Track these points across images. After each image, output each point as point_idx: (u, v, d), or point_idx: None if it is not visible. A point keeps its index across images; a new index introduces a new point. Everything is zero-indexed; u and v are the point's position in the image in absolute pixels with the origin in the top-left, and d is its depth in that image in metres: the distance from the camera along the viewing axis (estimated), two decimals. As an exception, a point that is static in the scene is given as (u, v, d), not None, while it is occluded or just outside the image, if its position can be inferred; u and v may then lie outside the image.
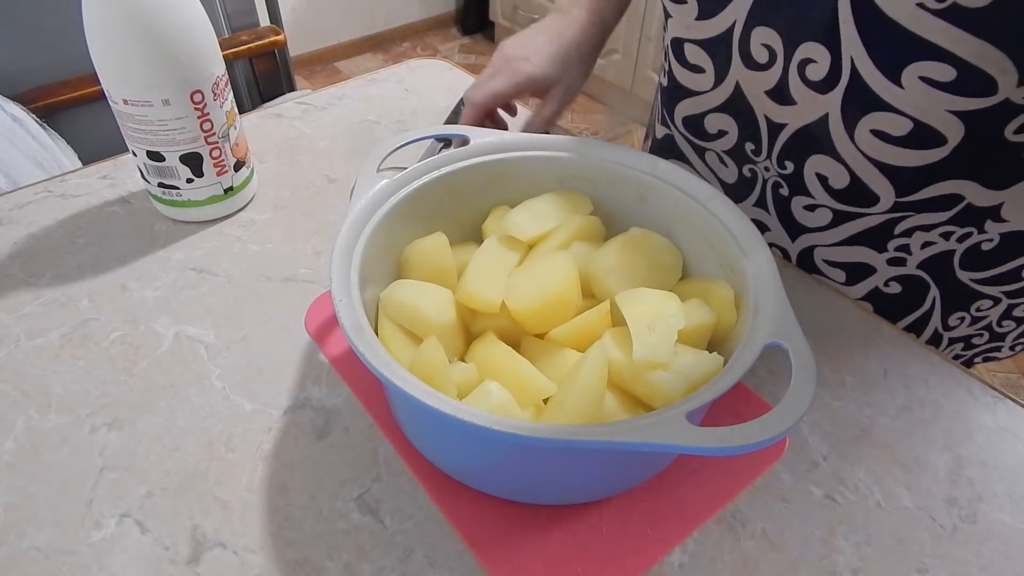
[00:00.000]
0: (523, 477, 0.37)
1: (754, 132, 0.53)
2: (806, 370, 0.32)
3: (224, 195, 0.58)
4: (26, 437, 0.42)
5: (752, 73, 0.49)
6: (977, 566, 0.38)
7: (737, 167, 0.57)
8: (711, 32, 0.50)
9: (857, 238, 0.52)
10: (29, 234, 0.57)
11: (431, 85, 0.79)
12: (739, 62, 0.49)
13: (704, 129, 0.57)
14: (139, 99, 0.50)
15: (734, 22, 0.48)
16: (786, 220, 0.56)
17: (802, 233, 0.55)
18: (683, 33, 0.53)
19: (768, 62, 0.47)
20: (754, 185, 0.56)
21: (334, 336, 0.47)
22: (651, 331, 0.36)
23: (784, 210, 0.55)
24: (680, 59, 0.55)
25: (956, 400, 0.46)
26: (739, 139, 0.54)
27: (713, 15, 0.49)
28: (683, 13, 0.51)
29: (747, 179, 0.56)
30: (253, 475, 0.41)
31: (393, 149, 0.46)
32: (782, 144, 0.51)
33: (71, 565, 0.37)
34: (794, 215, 0.55)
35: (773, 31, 0.46)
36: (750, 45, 0.48)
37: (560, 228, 0.44)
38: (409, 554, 0.37)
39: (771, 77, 0.48)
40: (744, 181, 0.57)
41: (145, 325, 0.50)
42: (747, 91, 0.50)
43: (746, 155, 0.55)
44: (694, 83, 0.55)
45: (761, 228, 0.56)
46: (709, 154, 0.58)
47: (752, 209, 0.58)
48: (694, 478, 0.40)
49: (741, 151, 0.55)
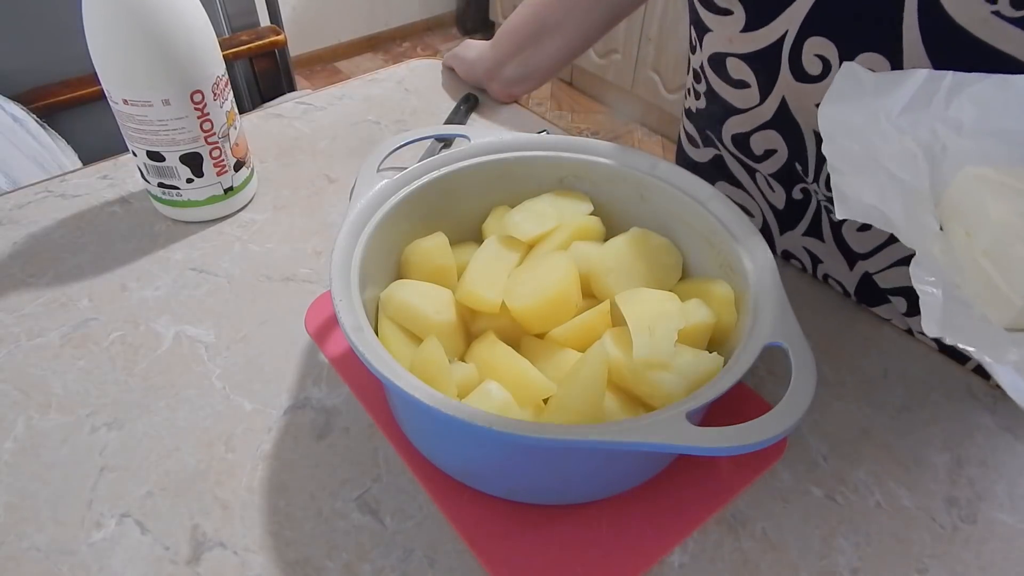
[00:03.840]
0: (523, 477, 0.37)
1: (802, 150, 0.50)
2: (806, 370, 0.32)
3: (224, 195, 0.58)
4: (26, 437, 0.42)
5: (802, 86, 0.46)
6: (977, 566, 0.38)
7: (786, 191, 0.54)
8: (759, 44, 0.47)
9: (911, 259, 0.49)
10: (29, 234, 0.57)
11: (431, 85, 0.79)
12: (788, 75, 0.47)
13: (751, 148, 0.54)
14: (139, 99, 0.50)
15: (786, 32, 0.45)
16: (842, 246, 0.52)
17: (857, 260, 0.52)
18: (724, 47, 0.50)
19: (821, 73, 0.45)
20: (806, 208, 0.53)
21: (334, 336, 0.47)
22: (651, 331, 0.36)
23: (839, 235, 0.52)
24: (722, 75, 0.52)
25: (956, 400, 0.46)
26: (789, 158, 0.52)
27: (763, 25, 0.46)
28: (727, 25, 0.49)
29: (798, 201, 0.53)
30: (253, 475, 0.41)
31: (393, 149, 0.46)
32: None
33: (71, 565, 0.37)
34: (847, 240, 0.52)
35: (828, 40, 0.44)
36: (802, 56, 0.45)
37: (560, 228, 0.44)
38: (409, 554, 0.37)
39: (823, 89, 0.45)
40: (794, 204, 0.54)
41: (145, 325, 0.50)
42: (794, 105, 0.48)
43: (797, 175, 0.52)
44: (739, 100, 0.52)
45: (815, 260, 0.53)
46: (758, 175, 0.55)
47: (804, 238, 0.54)
48: (694, 478, 0.40)
49: (791, 171, 0.52)
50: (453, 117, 0.72)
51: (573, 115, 2.50)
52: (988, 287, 0.33)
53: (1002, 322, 0.32)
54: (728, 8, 0.48)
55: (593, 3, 0.66)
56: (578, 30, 0.68)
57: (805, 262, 0.55)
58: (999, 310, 0.32)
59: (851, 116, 0.37)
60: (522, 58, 0.71)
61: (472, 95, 0.75)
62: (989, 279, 0.33)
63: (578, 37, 0.68)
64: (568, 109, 2.53)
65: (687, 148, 0.63)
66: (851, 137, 0.36)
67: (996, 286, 0.33)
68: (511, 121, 0.73)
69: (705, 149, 0.59)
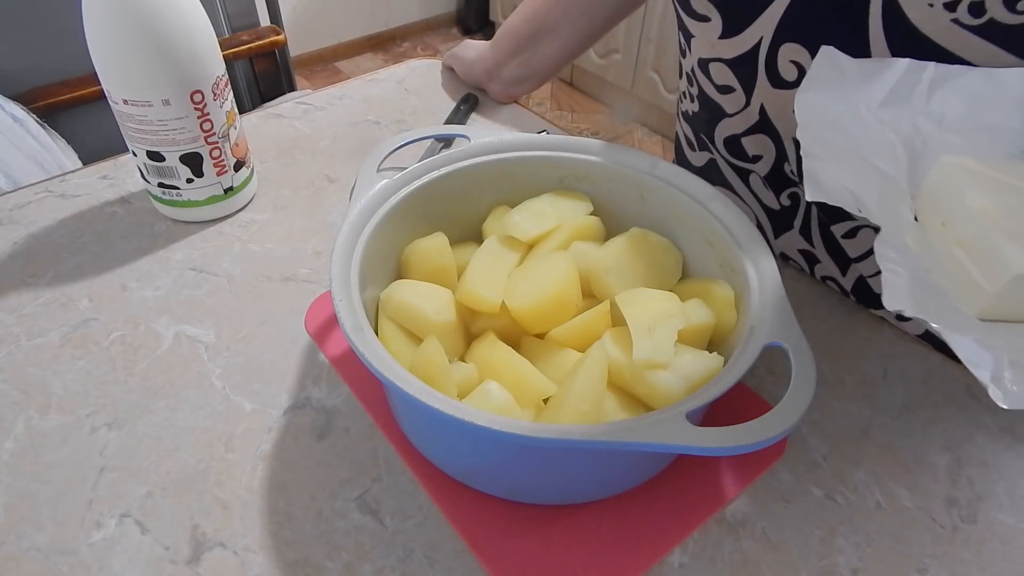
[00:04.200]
0: (523, 477, 0.37)
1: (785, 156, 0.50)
2: (806, 370, 0.32)
3: (224, 195, 0.58)
4: (26, 437, 0.42)
5: (778, 92, 0.47)
6: (977, 566, 0.38)
7: (776, 194, 0.54)
8: (737, 50, 0.48)
9: None
10: (29, 234, 0.57)
11: (431, 85, 0.79)
12: (765, 81, 0.47)
13: (744, 150, 0.54)
14: (139, 99, 0.50)
15: (760, 39, 0.46)
16: (833, 250, 0.52)
17: (850, 263, 0.52)
18: (707, 52, 0.51)
19: (797, 79, 0.45)
20: (796, 211, 0.53)
21: (334, 336, 0.47)
22: (651, 331, 0.36)
23: (829, 239, 0.52)
24: (710, 79, 0.52)
25: (956, 400, 0.46)
26: (776, 161, 0.52)
27: (738, 32, 0.47)
28: (706, 31, 0.49)
29: (787, 206, 0.53)
30: (253, 475, 0.41)
31: (393, 149, 0.46)
32: None
33: (71, 565, 0.37)
34: (838, 242, 0.52)
35: (801, 47, 0.44)
36: (778, 62, 0.46)
37: (560, 228, 0.44)
38: (409, 554, 0.37)
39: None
40: (785, 208, 0.54)
41: (145, 325, 0.50)
42: (773, 113, 0.48)
43: (785, 178, 0.52)
44: (727, 104, 0.52)
45: (811, 260, 0.53)
46: (752, 177, 0.55)
47: (799, 239, 0.54)
48: (694, 478, 0.40)
49: (779, 174, 0.52)
50: (453, 117, 0.72)
51: (573, 115, 2.50)
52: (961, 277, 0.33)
53: (974, 312, 0.32)
54: (706, 15, 0.48)
55: (592, 4, 0.66)
56: (577, 31, 0.68)
57: (802, 264, 0.55)
58: (972, 300, 0.32)
59: (829, 104, 0.37)
60: (521, 59, 0.71)
61: (472, 95, 0.75)
62: (963, 269, 0.33)
63: (577, 38, 0.68)
64: (568, 109, 2.53)
65: (686, 151, 0.63)
66: (829, 126, 0.36)
67: (969, 276, 0.32)
68: (511, 121, 0.73)
69: (700, 153, 0.59)
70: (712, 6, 0.47)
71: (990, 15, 0.36)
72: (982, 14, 0.36)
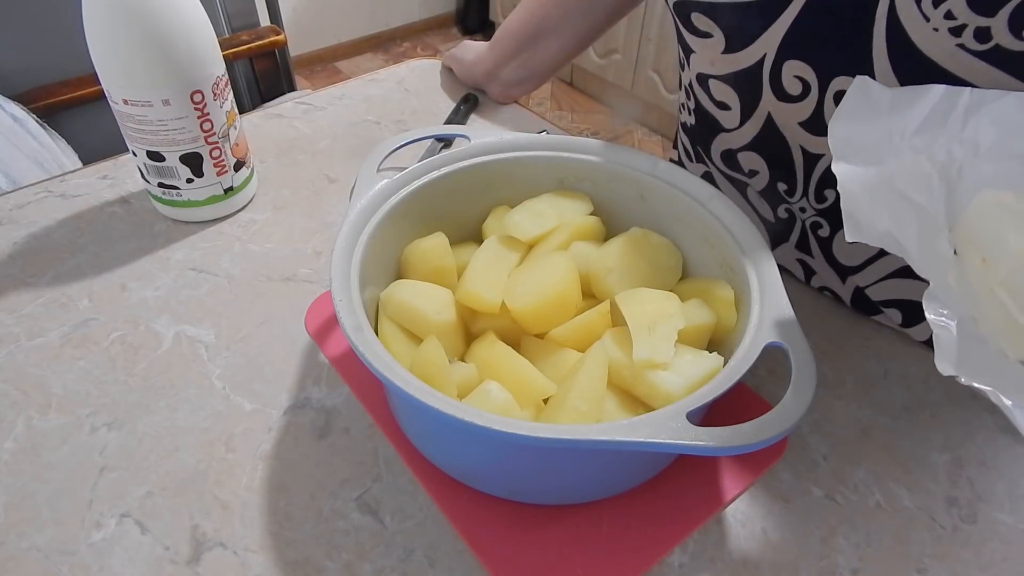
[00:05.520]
0: (523, 477, 0.37)
1: (788, 168, 0.50)
2: (806, 370, 0.32)
3: (224, 195, 0.58)
4: (26, 437, 0.42)
5: (785, 105, 0.47)
6: (977, 566, 0.38)
7: (772, 208, 0.54)
8: (739, 65, 0.48)
9: (903, 271, 0.49)
10: (29, 234, 0.57)
11: (431, 85, 0.79)
12: (770, 94, 0.47)
13: (739, 165, 0.54)
14: (139, 99, 0.50)
15: (764, 55, 0.46)
16: (832, 261, 0.52)
17: (848, 274, 0.52)
18: (707, 69, 0.50)
19: (801, 94, 0.45)
20: (792, 226, 0.53)
21: (334, 336, 0.47)
22: (651, 331, 0.36)
23: (828, 251, 0.52)
24: (708, 94, 0.52)
25: (956, 400, 0.46)
26: (770, 179, 0.52)
27: (742, 48, 0.47)
28: (708, 47, 0.49)
29: (784, 220, 0.54)
30: (253, 475, 0.41)
31: (393, 149, 0.46)
32: (819, 175, 0.48)
33: (71, 565, 0.37)
34: (836, 255, 0.52)
35: (806, 64, 0.44)
36: (782, 78, 0.46)
37: (560, 228, 0.44)
38: (409, 554, 0.37)
39: (805, 108, 0.46)
40: (782, 222, 0.54)
41: (145, 325, 0.50)
42: (780, 122, 0.48)
43: (780, 195, 0.52)
44: (723, 120, 0.53)
45: (809, 272, 0.54)
46: (749, 190, 0.55)
47: (795, 251, 0.55)
48: (694, 478, 0.40)
49: (774, 191, 0.52)
50: (453, 117, 0.72)
51: (573, 115, 2.50)
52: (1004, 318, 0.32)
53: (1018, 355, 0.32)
54: (708, 31, 0.48)
55: (590, 4, 0.66)
56: (576, 31, 0.68)
57: (799, 275, 0.55)
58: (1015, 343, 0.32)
59: (863, 134, 0.36)
60: (520, 60, 0.71)
61: (472, 95, 0.75)
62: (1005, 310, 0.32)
63: (576, 38, 0.68)
64: (568, 109, 2.53)
65: (684, 161, 0.63)
66: (863, 156, 0.36)
67: (1012, 318, 0.32)
68: (511, 121, 0.74)
69: (697, 165, 0.60)
70: (714, 23, 0.47)
71: (996, 41, 0.36)
72: (988, 40, 0.36)
